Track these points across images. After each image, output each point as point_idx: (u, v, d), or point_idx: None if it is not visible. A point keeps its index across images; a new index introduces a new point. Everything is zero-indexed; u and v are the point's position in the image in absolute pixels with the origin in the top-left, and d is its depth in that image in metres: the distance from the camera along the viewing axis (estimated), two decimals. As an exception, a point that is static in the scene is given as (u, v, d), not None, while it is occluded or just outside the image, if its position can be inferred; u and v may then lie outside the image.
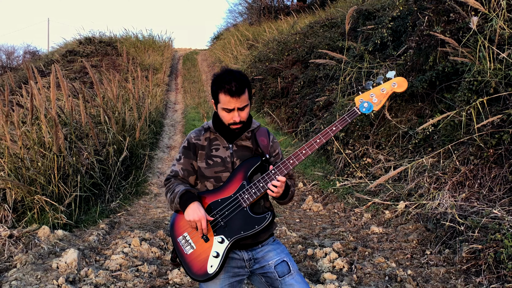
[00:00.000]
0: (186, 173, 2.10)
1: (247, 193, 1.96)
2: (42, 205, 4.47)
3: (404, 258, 3.78)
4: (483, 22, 4.60)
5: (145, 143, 8.21)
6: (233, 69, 2.02)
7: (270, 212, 1.99)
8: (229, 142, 2.07)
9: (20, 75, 15.60)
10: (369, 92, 2.05)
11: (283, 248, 2.11)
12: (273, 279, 2.00)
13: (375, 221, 4.68)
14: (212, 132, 2.10)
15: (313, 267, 3.67)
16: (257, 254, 2.05)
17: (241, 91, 1.94)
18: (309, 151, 1.98)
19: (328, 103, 7.97)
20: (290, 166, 1.97)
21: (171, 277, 3.48)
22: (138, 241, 4.07)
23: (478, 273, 3.26)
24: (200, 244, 1.99)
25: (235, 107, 1.96)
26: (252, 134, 2.11)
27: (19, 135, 4.73)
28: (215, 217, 1.99)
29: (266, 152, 2.08)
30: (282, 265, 2.01)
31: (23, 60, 24.73)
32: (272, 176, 1.96)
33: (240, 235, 1.96)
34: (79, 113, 6.49)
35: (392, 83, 2.05)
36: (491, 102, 4.26)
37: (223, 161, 2.04)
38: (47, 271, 3.47)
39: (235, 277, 2.03)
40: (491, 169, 4.08)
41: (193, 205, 1.95)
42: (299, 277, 2.00)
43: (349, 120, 2.01)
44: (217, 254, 1.95)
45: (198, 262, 1.97)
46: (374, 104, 2.03)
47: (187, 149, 2.10)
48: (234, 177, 2.00)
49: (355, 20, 9.07)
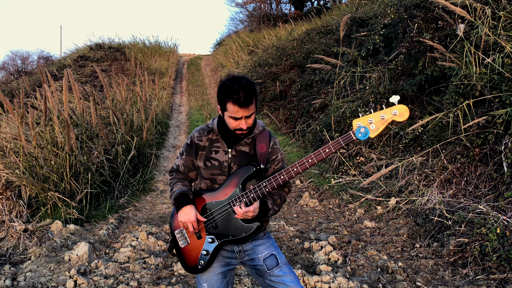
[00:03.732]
0: (187, 169, 2.12)
1: (238, 201, 1.96)
2: (55, 201, 4.47)
3: (395, 251, 3.77)
4: (470, 29, 4.60)
5: (152, 143, 8.21)
6: (240, 76, 1.94)
7: (258, 222, 1.98)
8: (229, 146, 2.03)
9: (35, 79, 15.60)
10: (368, 117, 1.87)
11: (272, 241, 2.11)
12: (262, 271, 2.02)
13: (368, 216, 4.68)
14: (215, 133, 2.06)
15: (309, 259, 3.66)
16: (246, 247, 2.06)
17: (249, 101, 1.87)
18: (300, 169, 1.92)
19: (323, 105, 7.96)
20: (280, 181, 1.94)
21: (176, 268, 3.47)
22: (145, 235, 4.07)
23: (465, 265, 3.25)
24: (194, 240, 2.04)
25: (242, 116, 1.91)
26: (252, 140, 2.05)
27: (34, 135, 4.73)
28: (208, 218, 2.01)
29: (261, 161, 2.02)
30: (270, 258, 2.02)
31: (37, 65, 24.72)
32: (262, 189, 1.93)
33: (228, 238, 2.00)
34: (90, 115, 6.48)
35: (393, 111, 1.85)
36: (477, 104, 4.25)
37: (220, 165, 2.01)
38: (59, 263, 3.47)
39: (226, 266, 2.06)
40: (477, 167, 4.08)
41: (185, 208, 1.99)
42: (287, 268, 2.02)
43: (343, 144, 1.89)
44: (207, 253, 2.00)
45: (191, 256, 2.04)
46: (371, 130, 1.87)
47: (190, 147, 2.10)
48: (229, 182, 1.99)
49: (349, 27, 9.06)
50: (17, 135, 4.93)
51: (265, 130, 2.09)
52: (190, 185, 2.13)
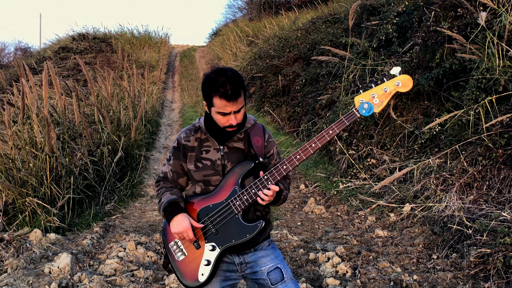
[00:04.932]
0: (176, 175, 2.10)
1: (239, 199, 1.95)
2: (33, 207, 4.48)
3: (409, 262, 3.78)
4: (492, 18, 4.60)
5: (141, 143, 8.21)
6: (225, 67, 1.96)
7: (262, 221, 1.96)
8: (220, 143, 2.03)
9: (11, 72, 15.60)
10: (370, 92, 1.92)
11: (277, 253, 2.09)
12: (265, 286, 1.99)
13: (380, 224, 4.68)
14: (203, 132, 2.06)
15: (315, 272, 3.67)
16: (248, 258, 2.04)
17: (237, 94, 1.89)
18: (303, 156, 1.93)
19: (331, 102, 7.97)
20: (283, 172, 1.94)
21: (167, 282, 3.48)
22: (133, 245, 4.07)
23: (487, 278, 3.26)
24: (192, 251, 2.01)
25: (231, 111, 1.92)
26: (246, 135, 2.05)
27: (10, 135, 4.73)
28: (206, 223, 1.99)
29: (260, 154, 2.03)
30: (275, 272, 1.99)
31: (14, 57, 24.74)
32: (264, 183, 1.93)
33: (231, 243, 1.96)
34: (72, 112, 6.49)
35: (396, 82, 1.91)
36: (500, 100, 4.26)
37: (213, 164, 2.01)
38: (39, 276, 3.47)
39: (227, 281, 2.04)
40: (500, 170, 4.09)
41: (176, 218, 1.97)
42: (293, 285, 1.99)
43: (347, 123, 1.92)
44: (208, 262, 1.97)
45: (190, 270, 2.00)
46: (375, 105, 1.91)
47: (177, 150, 2.10)
48: (226, 182, 1.98)
49: (359, 15, 9.07)
50: (-8, 135, 4.93)
51: (257, 124, 2.11)
52: (180, 192, 2.12)
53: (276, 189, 1.91)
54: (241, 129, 2.03)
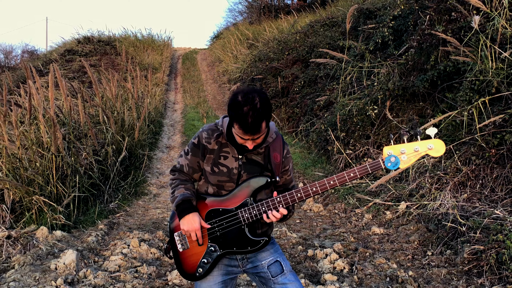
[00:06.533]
0: (191, 170, 2.10)
1: (248, 212, 1.96)
2: (40, 205, 4.47)
3: (405, 259, 3.78)
4: (485, 21, 4.60)
5: (144, 143, 8.21)
6: (255, 90, 1.82)
7: (266, 238, 2.01)
8: (240, 153, 2.00)
9: (18, 74, 15.60)
10: (400, 147, 1.85)
11: (277, 247, 2.12)
12: (266, 279, 2.03)
13: (376, 222, 4.68)
14: (224, 138, 2.02)
15: (313, 268, 3.67)
16: (249, 253, 2.07)
17: (257, 128, 1.79)
18: (319, 190, 1.95)
19: (328, 103, 7.97)
20: (296, 199, 1.95)
21: (170, 278, 3.47)
22: (137, 242, 4.07)
23: (480, 274, 3.25)
24: (194, 245, 2.04)
25: (249, 138, 1.87)
26: (266, 149, 2.03)
27: (17, 135, 4.73)
28: (213, 225, 2.01)
29: (277, 172, 2.02)
30: (275, 265, 2.03)
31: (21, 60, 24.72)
32: (276, 204, 1.95)
33: (232, 250, 2.01)
34: (77, 113, 6.49)
35: (429, 145, 1.82)
36: (493, 101, 4.26)
37: (229, 172, 2.00)
38: (45, 272, 3.47)
39: (228, 275, 2.07)
40: (493, 169, 4.08)
41: (188, 217, 1.98)
42: (292, 276, 2.03)
43: (370, 171, 1.87)
44: (207, 261, 2.01)
45: (189, 263, 2.04)
46: (402, 161, 1.84)
47: (196, 148, 2.05)
48: (239, 191, 1.99)
49: (356, 19, 9.07)
50: (0, 135, 4.93)
51: (278, 137, 2.06)
52: (193, 188, 2.12)
53: (284, 213, 1.95)
54: (262, 145, 2.00)
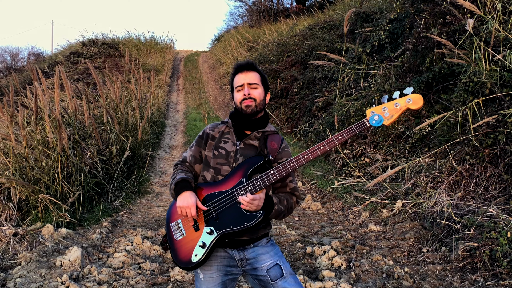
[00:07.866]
0: (193, 159, 2.13)
1: (243, 189, 1.93)
2: (46, 204, 4.48)
3: (401, 256, 3.78)
4: (479, 24, 4.60)
5: (147, 143, 8.21)
6: None
7: (262, 211, 1.92)
8: (238, 139, 2.07)
9: (25, 76, 15.62)
10: (381, 106, 1.95)
11: (276, 249, 2.06)
12: (266, 282, 1.97)
13: (373, 220, 4.68)
14: (228, 126, 2.13)
15: (312, 264, 3.67)
16: (249, 255, 2.02)
17: (250, 67, 2.06)
18: (311, 156, 1.92)
19: (326, 104, 7.97)
20: (289, 169, 1.91)
21: (172, 274, 3.48)
22: (140, 239, 4.07)
23: (474, 271, 3.26)
24: (190, 232, 1.99)
25: (244, 83, 2.03)
26: (263, 135, 2.08)
27: (24, 135, 4.73)
28: (209, 207, 1.97)
29: (272, 155, 2.03)
30: (275, 268, 1.97)
31: (28, 62, 24.72)
32: (270, 176, 1.91)
33: (229, 229, 1.92)
34: (82, 114, 6.49)
35: (407, 99, 1.95)
36: (487, 102, 4.26)
37: (227, 155, 2.03)
38: (51, 269, 3.47)
39: (227, 275, 2.02)
40: (487, 168, 4.09)
41: (185, 193, 1.96)
42: (292, 279, 1.96)
43: (357, 131, 1.92)
44: (204, 244, 1.93)
45: (185, 250, 1.97)
46: (385, 118, 1.93)
47: (200, 138, 2.15)
48: (234, 173, 1.98)
49: (353, 22, 9.07)
50: (7, 135, 4.93)
51: (277, 134, 2.14)
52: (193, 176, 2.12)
53: (249, 198, 1.86)
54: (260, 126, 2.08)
